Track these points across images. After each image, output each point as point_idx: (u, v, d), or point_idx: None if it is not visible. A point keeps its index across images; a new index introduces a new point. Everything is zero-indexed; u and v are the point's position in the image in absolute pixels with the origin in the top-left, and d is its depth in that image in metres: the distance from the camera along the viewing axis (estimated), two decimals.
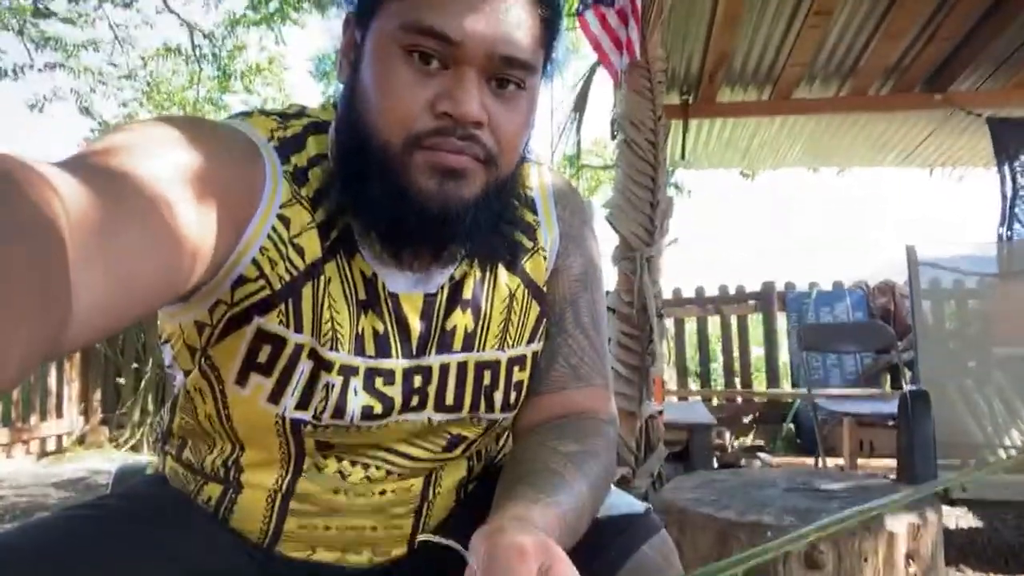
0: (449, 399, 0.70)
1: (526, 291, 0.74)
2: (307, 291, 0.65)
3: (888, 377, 4.58)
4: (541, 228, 0.76)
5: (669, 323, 4.91)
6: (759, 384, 5.06)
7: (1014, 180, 3.64)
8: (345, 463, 0.70)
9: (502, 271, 0.73)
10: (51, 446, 4.96)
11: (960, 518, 2.75)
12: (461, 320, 0.70)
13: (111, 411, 5.21)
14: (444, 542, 0.47)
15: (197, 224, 0.52)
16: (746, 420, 4.79)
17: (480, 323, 0.71)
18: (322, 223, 0.66)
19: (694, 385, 5.13)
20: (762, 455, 4.07)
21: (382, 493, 0.72)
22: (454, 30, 0.58)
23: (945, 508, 2.24)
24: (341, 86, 0.67)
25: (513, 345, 0.73)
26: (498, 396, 0.72)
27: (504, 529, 0.50)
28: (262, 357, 0.65)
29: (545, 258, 0.75)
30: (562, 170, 9.99)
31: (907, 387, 2.44)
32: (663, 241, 2.57)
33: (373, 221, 0.64)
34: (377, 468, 0.71)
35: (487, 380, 0.71)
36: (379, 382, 0.67)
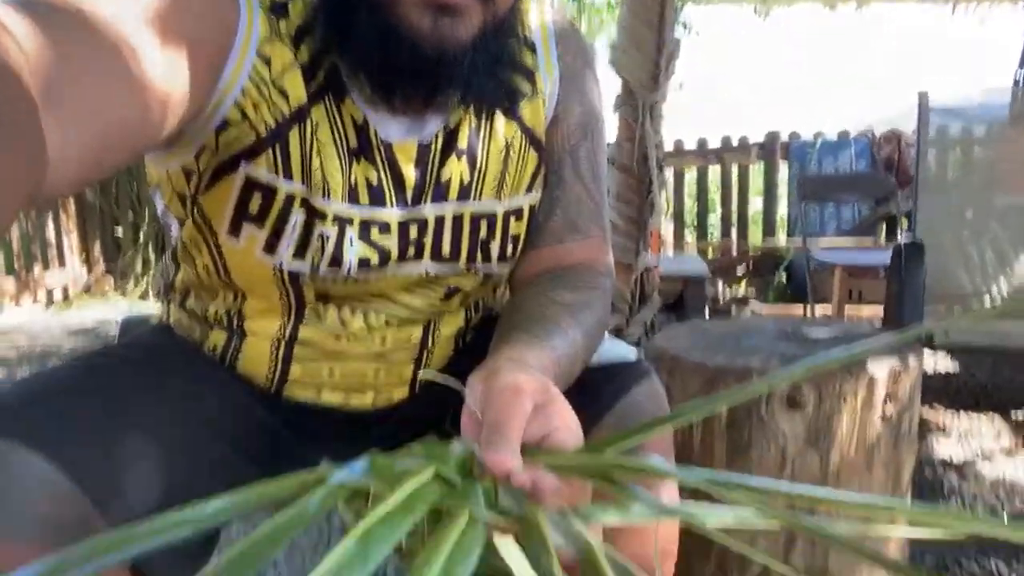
0: (445, 250, 0.71)
1: (524, 139, 0.72)
2: (294, 136, 0.63)
3: (884, 227, 4.60)
4: (540, 71, 0.72)
5: (668, 174, 4.85)
6: (756, 237, 5.09)
7: None
8: (345, 311, 0.72)
9: (499, 118, 0.70)
10: (58, 296, 5.07)
11: (939, 362, 2.88)
12: (456, 169, 0.69)
13: (113, 261, 5.27)
14: (445, 380, 0.48)
15: (168, 65, 0.49)
16: (739, 271, 4.88)
17: (476, 173, 0.70)
18: (306, 63, 0.63)
19: (690, 237, 5.16)
20: (753, 304, 4.18)
21: (382, 340, 0.73)
22: None
23: (926, 353, 2.34)
24: None
25: (510, 195, 0.72)
26: (494, 247, 0.72)
27: (501, 369, 0.51)
28: (253, 207, 0.64)
29: (544, 104, 0.73)
30: (563, 8, 9.40)
31: (902, 237, 2.45)
32: (667, 85, 2.47)
33: (361, 61, 0.61)
34: (376, 315, 0.73)
35: (483, 232, 0.71)
36: (375, 232, 0.67)
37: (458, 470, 0.42)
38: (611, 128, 2.54)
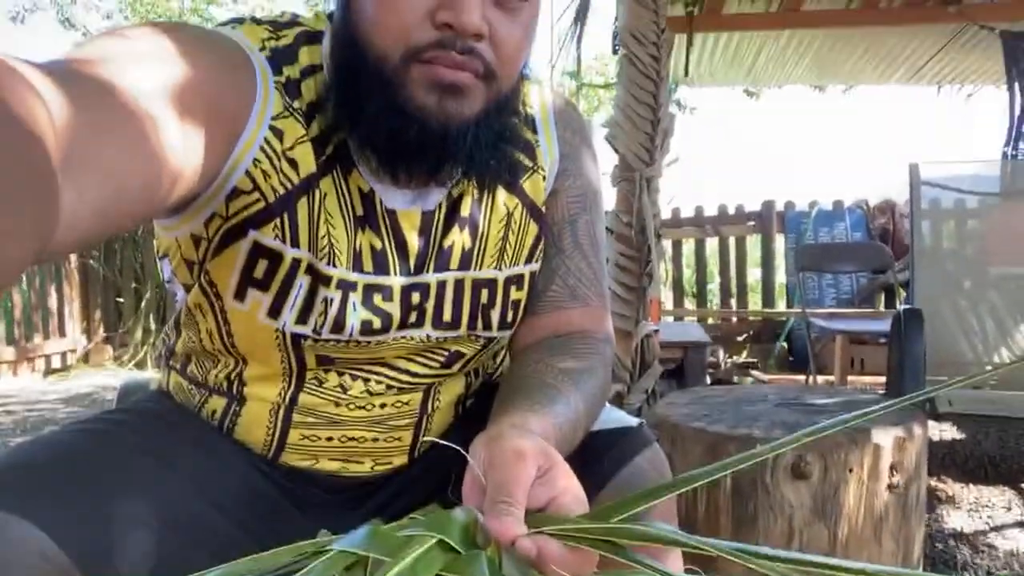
0: (447, 316, 0.71)
1: (524, 211, 0.73)
2: (302, 205, 0.64)
3: (883, 297, 4.63)
4: (541, 147, 0.75)
5: (667, 244, 4.91)
6: (755, 305, 5.11)
7: None
8: (346, 377, 0.72)
9: (500, 190, 0.72)
10: (56, 364, 5.04)
11: (944, 432, 2.84)
12: (459, 238, 0.71)
13: (113, 330, 5.27)
14: (447, 444, 0.48)
15: (186, 132, 0.51)
16: (740, 339, 4.87)
17: (477, 242, 0.72)
18: (316, 137, 0.65)
19: (690, 305, 5.18)
20: (754, 372, 4.16)
21: (382, 406, 0.73)
22: None
23: (931, 423, 2.31)
24: None
25: (510, 264, 0.73)
26: (495, 314, 0.73)
27: (503, 435, 0.51)
28: (259, 272, 0.65)
29: (544, 178, 0.75)
30: (561, 87, 9.72)
31: (901, 306, 2.46)
32: (663, 161, 2.54)
33: (370, 137, 0.63)
34: (377, 382, 0.72)
35: (484, 298, 0.72)
36: (378, 298, 0.68)
37: (461, 538, 0.42)
38: (609, 200, 2.59)
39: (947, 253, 2.71)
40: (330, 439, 0.73)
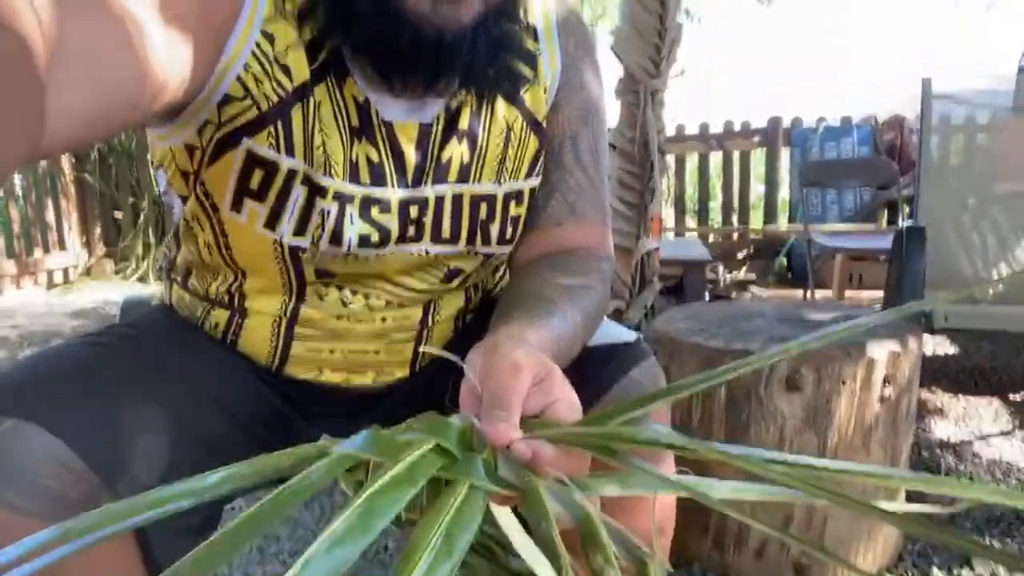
0: (445, 231, 0.71)
1: (524, 124, 0.72)
2: (296, 113, 0.63)
3: (885, 213, 4.60)
4: (542, 58, 0.72)
5: (670, 159, 4.83)
6: (757, 222, 5.08)
7: None
8: (346, 291, 0.72)
9: (500, 102, 0.71)
10: (58, 278, 5.07)
11: (938, 346, 2.88)
12: (457, 151, 0.70)
13: (113, 245, 5.28)
14: (445, 355, 0.48)
15: (171, 38, 0.50)
16: (740, 256, 4.88)
17: (476, 155, 0.70)
18: (309, 42, 0.63)
19: (691, 222, 5.15)
20: (753, 288, 4.19)
21: (383, 319, 0.74)
22: None
23: (926, 337, 2.34)
24: None
25: (510, 179, 0.72)
26: (494, 229, 0.72)
27: (500, 345, 0.51)
28: (255, 182, 0.65)
29: (545, 90, 0.73)
30: None
31: (904, 223, 2.45)
32: (669, 73, 2.46)
33: (363, 43, 0.61)
34: (377, 297, 0.73)
35: (483, 213, 0.72)
36: (375, 211, 0.67)
37: (458, 442, 0.42)
38: (613, 114, 2.53)
39: (954, 169, 2.67)
40: (332, 351, 0.74)
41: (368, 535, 0.32)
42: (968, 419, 2.11)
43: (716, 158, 5.11)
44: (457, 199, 0.70)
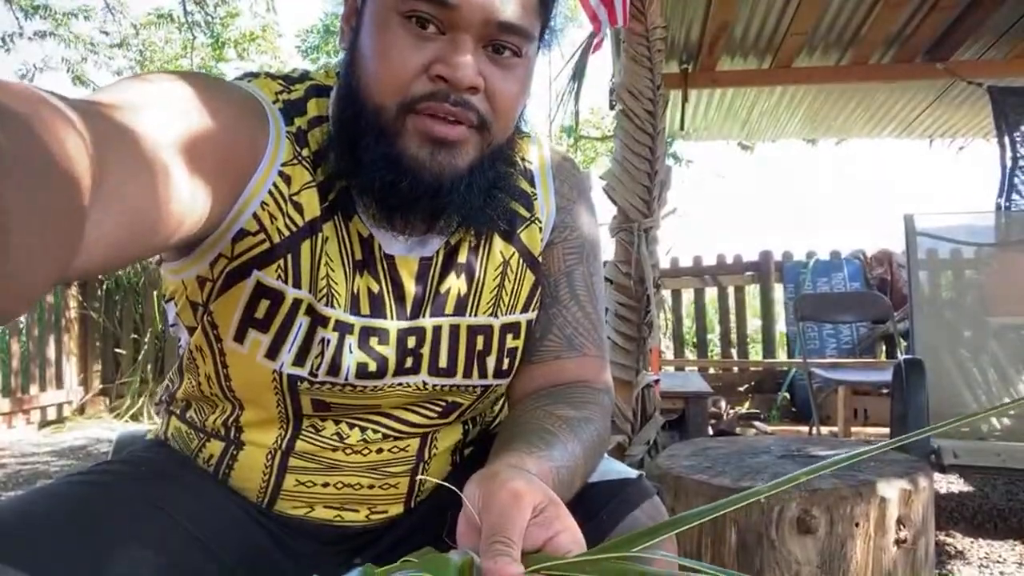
0: (443, 362, 0.71)
1: (520, 260, 0.75)
2: (305, 247, 0.66)
3: (883, 347, 4.62)
4: (538, 200, 0.76)
5: (666, 294, 4.93)
6: (755, 355, 5.09)
7: (1014, 150, 3.62)
8: (343, 425, 0.72)
9: (497, 239, 0.74)
10: (51, 415, 4.99)
11: (951, 484, 2.79)
12: (455, 285, 0.72)
13: (110, 381, 5.24)
14: (444, 486, 0.47)
15: (196, 177, 0.52)
16: (742, 389, 4.84)
17: (473, 288, 0.72)
18: (321, 183, 0.67)
19: (691, 355, 5.16)
20: (757, 423, 4.11)
21: (379, 451, 0.73)
22: None
23: (936, 475, 2.27)
24: (343, 53, 0.68)
25: (506, 312, 0.74)
26: (491, 361, 0.73)
27: (499, 474, 0.50)
28: (260, 312, 0.66)
29: (541, 229, 0.76)
30: (559, 141, 9.91)
31: (902, 356, 2.45)
32: (661, 212, 2.57)
33: (367, 186, 0.65)
34: (374, 431, 0.73)
35: (480, 345, 0.73)
36: (374, 341, 0.68)
37: None
38: (608, 249, 2.61)
39: (946, 303, 2.72)
40: (326, 485, 0.73)
41: None
42: (992, 564, 2.01)
43: (711, 293, 5.21)
44: (454, 330, 0.72)
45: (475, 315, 0.72)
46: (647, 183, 2.50)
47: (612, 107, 2.82)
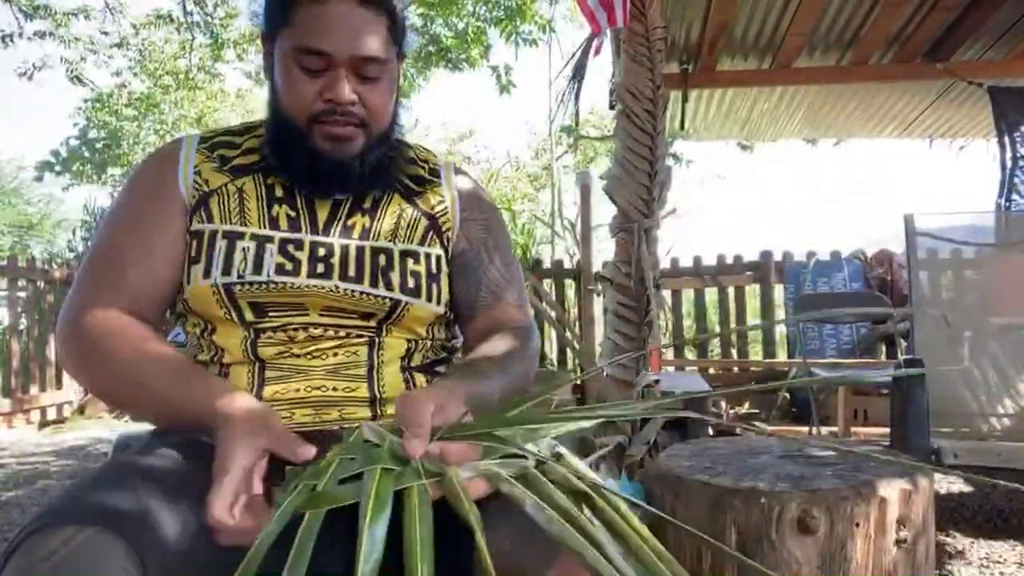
0: (351, 270, 0.92)
1: (414, 210, 0.99)
2: (212, 201, 0.92)
3: (884, 348, 4.61)
4: (441, 184, 1.04)
5: (666, 294, 4.92)
6: (755, 355, 5.09)
7: (1014, 150, 3.62)
8: (290, 331, 0.90)
9: (397, 197, 0.99)
10: (51, 415, 4.99)
11: (951, 484, 2.79)
12: (360, 220, 0.96)
13: None
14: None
15: (163, 213, 0.92)
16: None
17: (375, 223, 0.96)
18: (233, 166, 0.95)
19: (691, 355, 5.16)
20: (757, 423, 4.11)
21: (334, 355, 0.91)
22: (326, 46, 0.87)
23: (937, 475, 2.27)
24: (268, 83, 0.96)
25: (404, 242, 0.96)
26: (395, 277, 0.93)
27: (419, 389, 0.79)
28: (193, 251, 0.90)
29: (443, 200, 1.02)
30: (559, 141, 9.91)
31: (902, 357, 2.45)
32: (661, 212, 2.57)
33: (294, 170, 0.92)
34: (315, 329, 0.91)
35: (383, 262, 0.93)
36: (291, 248, 0.91)
37: (392, 459, 0.65)
38: (608, 249, 2.61)
39: (946, 303, 2.72)
40: (298, 390, 0.89)
41: (377, 547, 0.54)
42: (992, 565, 2.01)
43: (711, 293, 5.21)
44: (360, 249, 0.93)
45: (376, 240, 0.95)
46: (647, 183, 2.50)
47: (612, 107, 2.82)
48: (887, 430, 2.62)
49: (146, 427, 0.91)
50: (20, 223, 10.01)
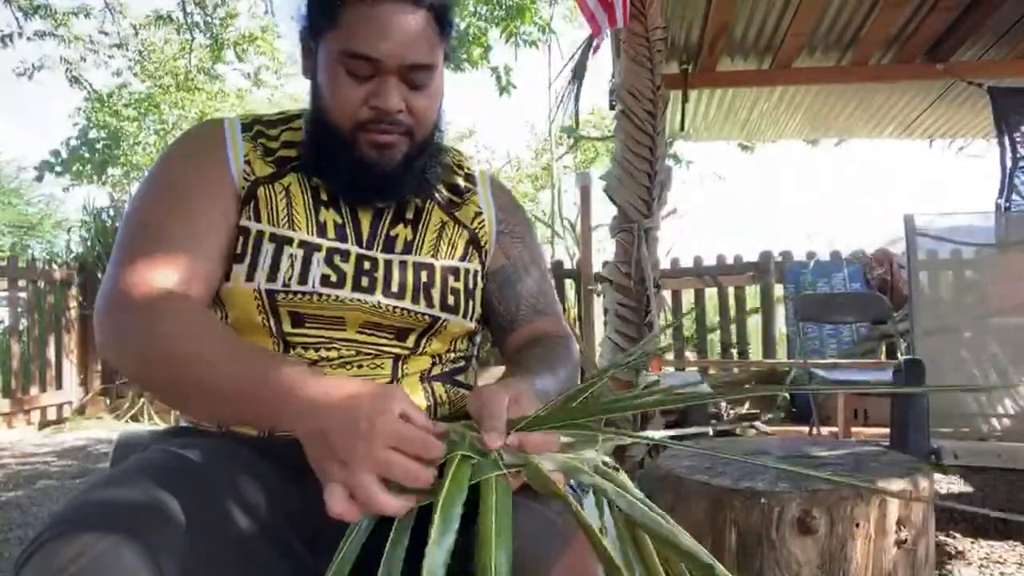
0: (394, 287, 0.89)
1: (455, 224, 0.98)
2: (261, 192, 0.88)
3: (884, 347, 4.61)
4: (478, 195, 1.02)
5: (666, 294, 4.93)
6: (756, 355, 5.09)
7: (1014, 150, 3.62)
8: (322, 351, 0.87)
9: (437, 209, 0.96)
10: (51, 416, 4.99)
11: (952, 484, 2.79)
12: (402, 232, 0.93)
13: (110, 381, 5.24)
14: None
15: (215, 212, 0.87)
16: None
17: (417, 237, 0.94)
18: (279, 157, 0.91)
19: (691, 355, 5.16)
20: (757, 424, 4.11)
21: (359, 367, 0.88)
22: (375, 52, 0.83)
23: (937, 475, 2.28)
24: (309, 82, 0.92)
25: (445, 258, 0.95)
26: (435, 294, 0.92)
27: (490, 386, 0.73)
28: (238, 249, 0.86)
29: (479, 212, 1.00)
30: (560, 141, 9.91)
31: (902, 357, 2.45)
32: (661, 212, 2.57)
33: (336, 179, 0.89)
34: (347, 350, 0.88)
35: (424, 278, 0.92)
36: (337, 259, 0.88)
37: (471, 449, 0.64)
38: (609, 250, 2.61)
39: (946, 303, 2.73)
40: None
41: (452, 528, 0.54)
42: (992, 565, 2.01)
43: (711, 293, 5.21)
44: (403, 264, 0.91)
45: (419, 255, 0.93)
46: (647, 183, 2.50)
47: (612, 107, 2.82)
48: (887, 430, 2.62)
49: (146, 427, 0.91)
50: (20, 223, 10.03)
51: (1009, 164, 3.63)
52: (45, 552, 0.58)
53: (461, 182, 1.01)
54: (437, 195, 0.96)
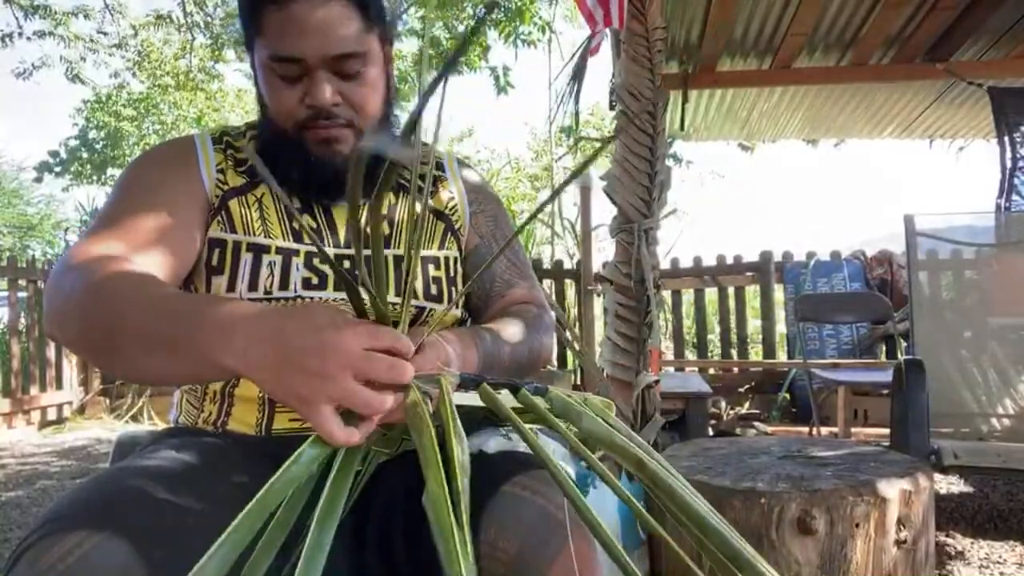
0: None
1: (430, 214, 0.99)
2: (233, 204, 0.90)
3: (884, 348, 4.61)
4: (448, 179, 1.04)
5: (666, 294, 4.92)
6: (755, 355, 5.09)
7: (1014, 150, 3.61)
8: None
9: (409, 200, 0.96)
10: (51, 416, 4.99)
11: (951, 484, 2.79)
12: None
13: (110, 381, 5.24)
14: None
15: (184, 224, 0.87)
16: (742, 390, 4.83)
17: (393, 228, 0.95)
18: (249, 168, 0.93)
19: (691, 355, 5.16)
20: (757, 424, 4.11)
21: None
22: (297, 51, 0.84)
23: (937, 475, 2.27)
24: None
25: (424, 248, 0.96)
26: (418, 284, 0.93)
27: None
28: (215, 261, 0.88)
29: (453, 196, 1.02)
30: (559, 141, 9.91)
31: (902, 357, 2.45)
32: (661, 213, 2.57)
33: (290, 178, 0.89)
34: None
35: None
36: (316, 261, 0.89)
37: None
38: (609, 250, 2.61)
39: (946, 303, 2.72)
40: None
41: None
42: (992, 565, 2.00)
43: (711, 293, 5.20)
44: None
45: (397, 248, 0.94)
46: (647, 183, 2.50)
47: (612, 107, 2.82)
48: (887, 430, 2.62)
49: (146, 427, 0.92)
50: (20, 224, 10.02)
51: (1009, 164, 3.63)
52: (34, 551, 0.58)
53: (430, 170, 1.03)
54: (406, 184, 0.98)
